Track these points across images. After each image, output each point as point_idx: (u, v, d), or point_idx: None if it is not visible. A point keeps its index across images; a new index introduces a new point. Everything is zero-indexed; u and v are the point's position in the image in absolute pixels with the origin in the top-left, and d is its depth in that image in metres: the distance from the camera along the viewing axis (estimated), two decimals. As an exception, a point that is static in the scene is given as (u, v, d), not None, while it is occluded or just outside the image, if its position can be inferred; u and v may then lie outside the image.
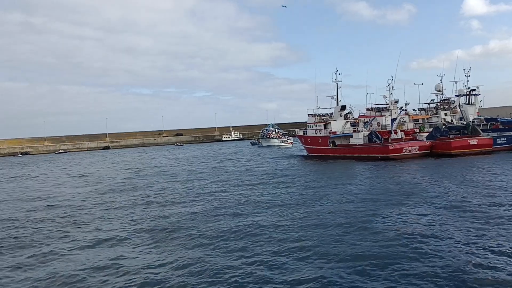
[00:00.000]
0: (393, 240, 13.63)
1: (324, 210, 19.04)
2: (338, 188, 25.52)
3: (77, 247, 15.31)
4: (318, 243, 13.80)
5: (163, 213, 20.70)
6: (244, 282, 10.83)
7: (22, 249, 15.50)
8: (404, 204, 19.19)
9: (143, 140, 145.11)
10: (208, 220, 18.28)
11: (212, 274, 11.53)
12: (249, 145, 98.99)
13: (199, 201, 23.54)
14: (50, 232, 17.85)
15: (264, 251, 13.29)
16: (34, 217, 21.51)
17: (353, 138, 49.03)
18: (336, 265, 11.67)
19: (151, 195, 27.17)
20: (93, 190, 31.26)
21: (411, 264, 11.33)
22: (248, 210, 20.05)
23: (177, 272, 11.94)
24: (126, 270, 12.39)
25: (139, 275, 11.83)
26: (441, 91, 56.29)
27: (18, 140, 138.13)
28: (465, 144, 41.83)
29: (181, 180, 35.32)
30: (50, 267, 13.20)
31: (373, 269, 11.18)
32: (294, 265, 11.88)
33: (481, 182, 24.33)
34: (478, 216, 16.08)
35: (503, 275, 10.21)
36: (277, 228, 16.09)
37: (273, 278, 10.97)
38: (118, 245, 15.29)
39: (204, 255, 13.28)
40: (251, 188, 27.80)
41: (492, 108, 68.97)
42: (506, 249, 12.06)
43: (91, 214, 21.51)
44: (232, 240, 14.82)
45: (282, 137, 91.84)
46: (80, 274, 12.28)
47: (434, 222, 15.62)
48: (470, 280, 10.06)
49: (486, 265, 10.91)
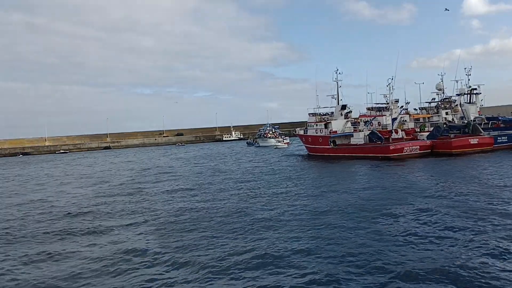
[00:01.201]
0: (394, 238, 13.66)
1: (326, 210, 19.02)
2: (339, 188, 25.51)
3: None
4: (319, 241, 13.86)
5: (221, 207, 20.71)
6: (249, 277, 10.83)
7: (32, 245, 15.63)
8: (404, 203, 19.21)
9: (143, 140, 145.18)
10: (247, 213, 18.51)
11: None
12: (246, 145, 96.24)
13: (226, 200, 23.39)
14: (78, 230, 17.90)
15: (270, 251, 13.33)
16: (52, 217, 21.56)
17: (353, 138, 49.00)
18: (337, 262, 11.68)
19: (179, 195, 26.65)
20: (128, 196, 29.12)
21: (412, 262, 11.34)
22: (255, 210, 20.06)
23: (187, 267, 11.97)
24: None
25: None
26: (442, 90, 56.10)
27: (19, 140, 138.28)
28: (465, 143, 41.76)
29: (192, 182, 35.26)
30: (69, 263, 13.28)
31: (374, 266, 11.20)
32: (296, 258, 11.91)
33: (481, 180, 24.28)
34: (478, 214, 16.10)
35: (505, 273, 10.18)
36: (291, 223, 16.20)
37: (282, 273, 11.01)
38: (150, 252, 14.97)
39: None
40: (252, 188, 27.85)
41: (493, 107, 68.91)
42: (506, 246, 12.04)
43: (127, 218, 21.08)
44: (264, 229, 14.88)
45: (278, 137, 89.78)
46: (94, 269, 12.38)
47: (435, 221, 15.60)
48: (472, 279, 10.02)
49: (487, 263, 10.91)
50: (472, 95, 54.21)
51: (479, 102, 55.08)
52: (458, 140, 42.16)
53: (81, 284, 11.53)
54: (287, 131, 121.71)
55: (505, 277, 10.02)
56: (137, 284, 11.21)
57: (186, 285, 11.02)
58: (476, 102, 54.19)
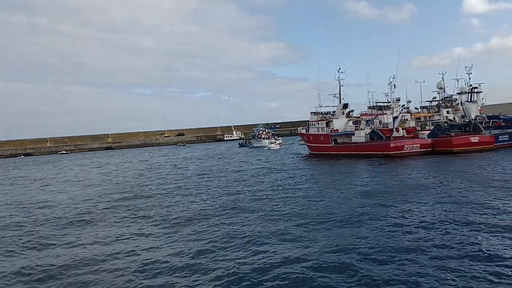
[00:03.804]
0: (396, 237, 13.72)
1: (327, 209, 19.12)
2: (340, 186, 25.62)
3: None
4: (321, 240, 13.97)
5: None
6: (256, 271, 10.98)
7: (43, 241, 15.80)
8: (405, 202, 19.27)
9: (145, 140, 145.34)
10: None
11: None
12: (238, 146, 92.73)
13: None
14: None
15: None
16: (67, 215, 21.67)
17: (355, 136, 49.13)
18: (339, 259, 11.78)
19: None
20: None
21: (413, 260, 11.42)
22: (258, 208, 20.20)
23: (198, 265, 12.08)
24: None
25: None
26: (442, 89, 56.12)
27: (21, 141, 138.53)
28: (466, 141, 41.77)
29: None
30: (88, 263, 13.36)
31: (376, 264, 11.30)
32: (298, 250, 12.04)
33: (481, 178, 24.34)
34: (479, 212, 16.13)
35: (506, 270, 10.27)
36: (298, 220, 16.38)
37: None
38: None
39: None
40: (254, 187, 27.95)
41: (494, 105, 68.97)
42: (506, 243, 12.13)
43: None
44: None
45: (271, 138, 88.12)
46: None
47: (435, 220, 15.65)
48: (473, 278, 10.11)
49: (487, 261, 10.98)
50: (473, 93, 54.23)
51: (480, 100, 55.08)
52: (459, 138, 42.16)
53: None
54: (288, 131, 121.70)
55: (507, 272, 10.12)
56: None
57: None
58: (477, 101, 54.19)
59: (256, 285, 10.44)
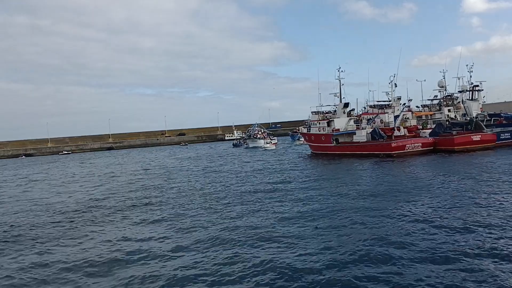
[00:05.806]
0: (398, 236, 13.77)
1: (328, 209, 19.18)
2: (341, 186, 25.69)
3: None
4: (323, 239, 14.03)
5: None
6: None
7: (52, 241, 15.89)
8: (406, 201, 19.32)
9: (146, 141, 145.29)
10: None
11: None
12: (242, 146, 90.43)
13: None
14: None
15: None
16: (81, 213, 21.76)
17: (356, 135, 49.05)
18: (340, 258, 11.84)
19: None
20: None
21: (415, 259, 11.48)
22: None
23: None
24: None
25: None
26: (444, 87, 55.99)
27: (22, 142, 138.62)
28: (468, 140, 41.70)
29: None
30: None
31: (377, 262, 11.34)
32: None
33: (483, 177, 24.34)
34: (479, 211, 16.17)
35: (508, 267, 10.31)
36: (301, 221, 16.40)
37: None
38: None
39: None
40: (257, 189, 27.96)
41: (496, 103, 68.87)
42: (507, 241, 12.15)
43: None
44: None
45: (267, 138, 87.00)
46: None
47: (436, 219, 15.70)
48: (476, 277, 10.14)
49: (488, 259, 11.02)
50: (474, 92, 54.11)
51: (481, 99, 55.02)
52: (460, 137, 42.11)
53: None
54: (288, 131, 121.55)
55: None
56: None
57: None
58: (478, 99, 54.08)
59: (256, 284, 10.54)
